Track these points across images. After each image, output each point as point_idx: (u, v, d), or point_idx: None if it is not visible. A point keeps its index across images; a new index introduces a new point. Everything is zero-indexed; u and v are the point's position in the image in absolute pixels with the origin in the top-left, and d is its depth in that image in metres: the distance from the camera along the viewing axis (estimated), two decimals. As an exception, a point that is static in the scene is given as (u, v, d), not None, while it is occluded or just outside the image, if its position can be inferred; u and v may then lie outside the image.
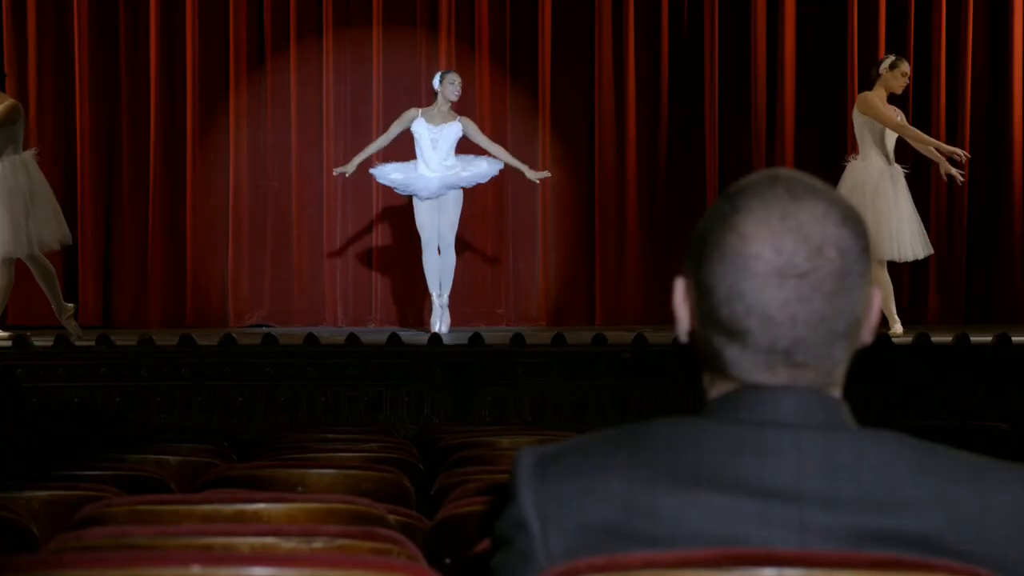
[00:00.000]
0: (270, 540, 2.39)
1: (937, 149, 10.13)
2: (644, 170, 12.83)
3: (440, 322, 10.49)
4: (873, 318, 1.88)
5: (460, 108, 11.09)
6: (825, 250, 1.80)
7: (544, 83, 12.79)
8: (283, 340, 9.00)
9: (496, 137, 12.49)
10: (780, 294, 1.80)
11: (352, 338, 8.94)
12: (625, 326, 11.22)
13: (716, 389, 1.89)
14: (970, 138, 12.78)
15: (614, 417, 8.35)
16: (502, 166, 10.82)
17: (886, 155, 10.06)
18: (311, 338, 8.93)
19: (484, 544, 2.55)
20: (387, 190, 11.83)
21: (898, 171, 9.98)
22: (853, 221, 1.83)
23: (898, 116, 10.20)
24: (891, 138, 10.08)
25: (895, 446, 1.82)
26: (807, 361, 1.82)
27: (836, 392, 1.87)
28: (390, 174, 10.72)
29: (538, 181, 11.13)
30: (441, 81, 10.71)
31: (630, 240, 12.78)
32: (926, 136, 10.44)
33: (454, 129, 10.65)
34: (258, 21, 12.72)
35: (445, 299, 10.61)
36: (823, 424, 1.82)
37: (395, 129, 10.84)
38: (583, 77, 12.88)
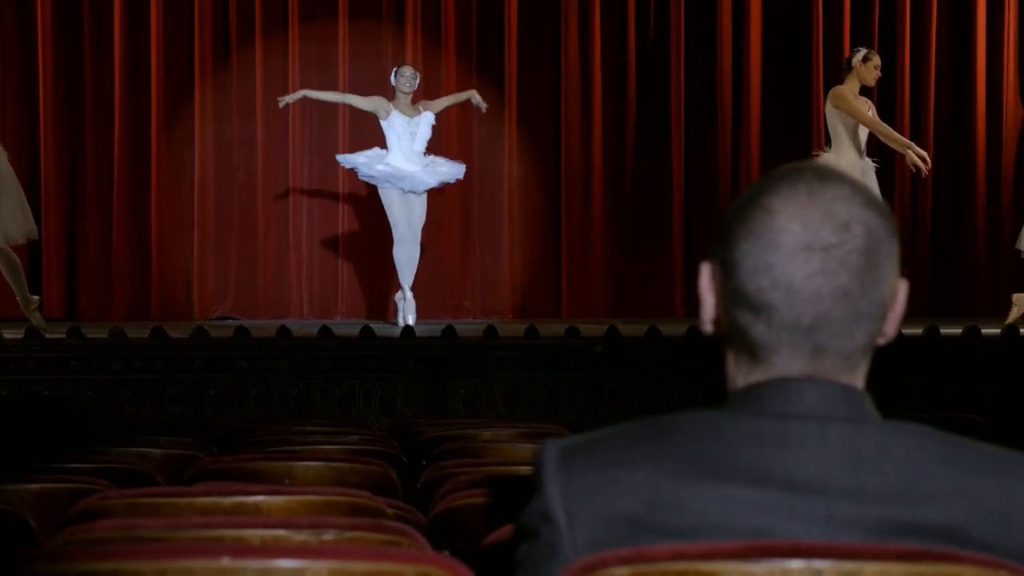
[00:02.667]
0: (281, 532, 2.39)
1: (908, 148, 10.18)
2: (610, 165, 12.85)
3: (410, 313, 10.50)
4: (899, 309, 1.88)
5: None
6: (852, 226, 1.81)
7: (510, 77, 12.80)
8: (255, 333, 8.98)
9: (462, 132, 12.54)
10: (806, 267, 1.80)
11: (325, 331, 8.93)
12: (591, 319, 11.23)
13: (741, 376, 1.89)
14: (934, 133, 12.87)
15: (587, 410, 8.37)
16: (461, 174, 10.86)
17: (858, 149, 10.10)
18: (283, 331, 8.91)
19: (494, 536, 2.56)
20: (353, 182, 11.85)
21: (869, 165, 10.02)
22: (878, 204, 1.85)
23: (869, 110, 10.24)
24: (863, 132, 10.12)
25: (918, 438, 1.83)
26: (828, 343, 1.82)
27: (859, 383, 1.88)
28: (376, 166, 10.70)
29: (483, 108, 11.08)
30: (395, 76, 10.73)
31: (596, 234, 12.80)
32: (897, 134, 10.49)
33: (427, 119, 10.66)
34: (223, 14, 12.68)
35: (408, 290, 10.63)
36: (847, 416, 1.83)
37: (357, 101, 10.85)
38: (549, 72, 12.89)
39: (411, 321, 10.33)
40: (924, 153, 10.23)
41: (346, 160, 10.93)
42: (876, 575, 1.74)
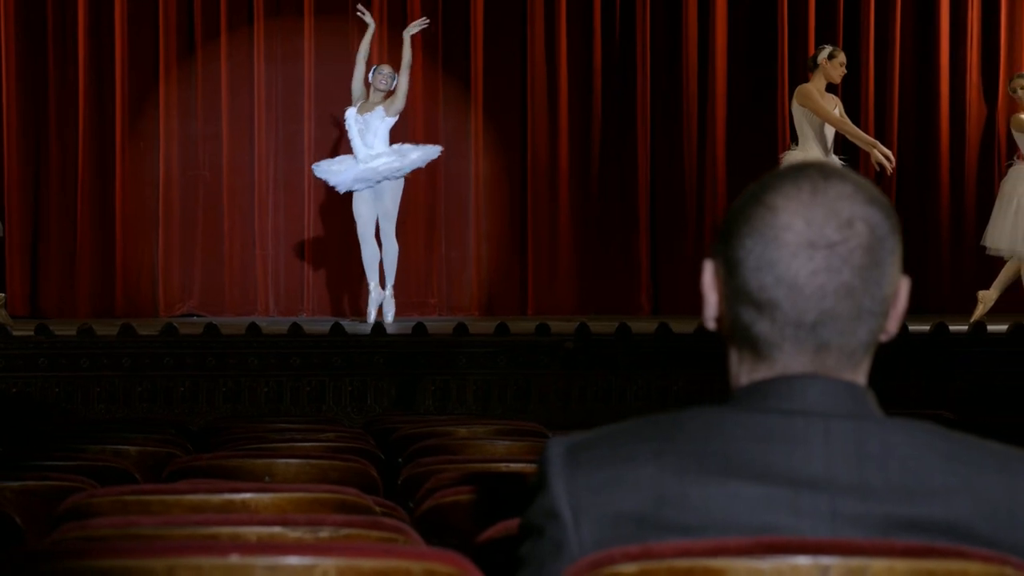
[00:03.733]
0: (276, 529, 2.39)
1: (873, 146, 10.23)
2: (576, 162, 12.86)
3: (382, 311, 10.52)
4: (900, 306, 1.89)
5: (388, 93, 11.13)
6: (855, 224, 1.82)
7: (477, 74, 12.80)
8: (225, 330, 8.95)
9: (428, 127, 12.53)
10: (809, 264, 1.81)
11: (295, 328, 8.91)
12: (558, 316, 11.24)
13: (745, 373, 1.89)
14: (898, 131, 12.94)
15: (557, 406, 8.38)
16: (436, 154, 10.85)
17: (824, 147, 10.15)
18: (253, 328, 8.89)
19: (487, 534, 2.57)
20: (320, 181, 11.84)
21: (836, 163, 10.03)
22: (881, 202, 1.86)
23: (835, 108, 10.30)
24: (829, 130, 10.17)
25: (923, 435, 1.84)
26: (831, 340, 1.83)
27: (862, 380, 1.89)
28: (330, 166, 10.73)
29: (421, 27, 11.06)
30: (373, 74, 10.74)
31: (562, 231, 12.82)
32: (862, 132, 10.55)
33: (378, 114, 10.65)
34: (188, 11, 12.63)
35: (389, 289, 10.63)
36: (851, 413, 1.84)
37: (360, 72, 10.86)
38: (515, 68, 12.90)
39: (387, 319, 10.34)
40: (888, 152, 10.29)
41: (321, 172, 10.92)
42: (882, 571, 1.75)
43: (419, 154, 10.77)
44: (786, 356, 1.85)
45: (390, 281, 10.69)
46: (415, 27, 11.00)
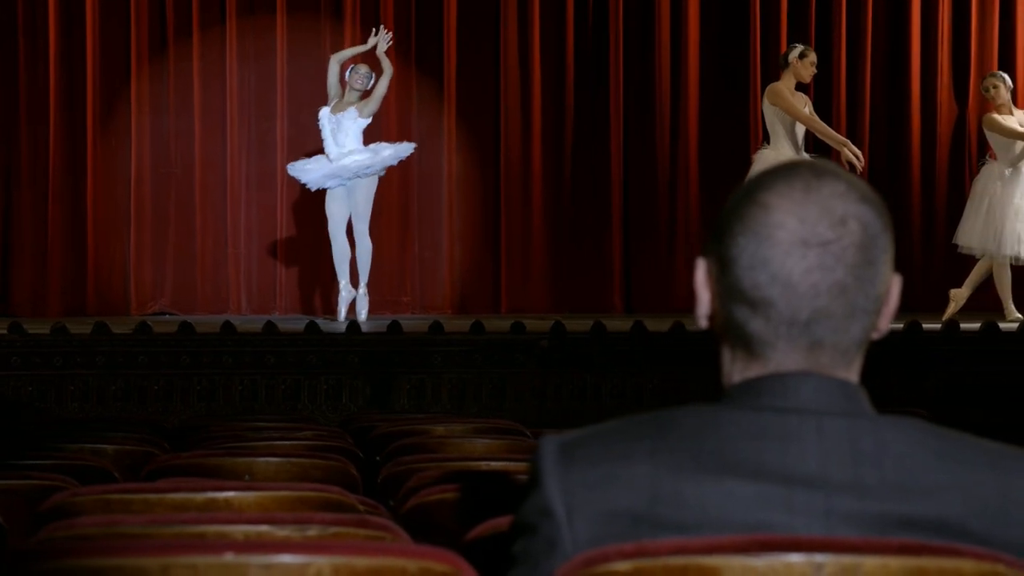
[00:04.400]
0: (264, 528, 2.39)
1: (843, 145, 10.26)
2: (549, 161, 12.86)
3: (355, 309, 10.52)
4: (892, 304, 1.90)
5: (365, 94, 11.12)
6: (848, 222, 1.83)
7: (449, 72, 12.79)
8: (199, 328, 8.93)
9: (401, 126, 12.51)
10: (803, 263, 1.82)
11: (270, 326, 8.90)
12: (531, 315, 11.23)
13: (737, 371, 1.89)
14: (869, 130, 12.97)
15: (532, 405, 8.38)
16: (410, 151, 10.86)
17: (795, 145, 10.18)
18: (228, 326, 8.87)
19: (475, 532, 2.57)
20: (292, 178, 11.84)
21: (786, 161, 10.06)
22: (873, 200, 1.86)
23: (806, 107, 10.33)
24: (800, 128, 10.20)
25: (915, 432, 1.85)
26: (825, 337, 1.84)
27: (854, 377, 1.89)
28: (304, 165, 10.74)
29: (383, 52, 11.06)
30: (349, 73, 10.75)
31: (535, 230, 12.81)
32: (832, 131, 10.59)
33: (350, 115, 10.65)
34: (160, 7, 12.59)
35: (363, 287, 10.64)
36: (844, 411, 1.85)
37: (334, 76, 10.88)
38: (488, 67, 12.89)
39: (363, 317, 10.34)
40: (858, 151, 10.33)
41: (295, 171, 10.92)
42: (876, 569, 1.76)
43: (392, 151, 10.78)
44: (779, 354, 1.86)
45: (363, 279, 10.69)
46: (383, 43, 10.98)
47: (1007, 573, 1.79)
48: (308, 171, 10.72)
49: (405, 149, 10.86)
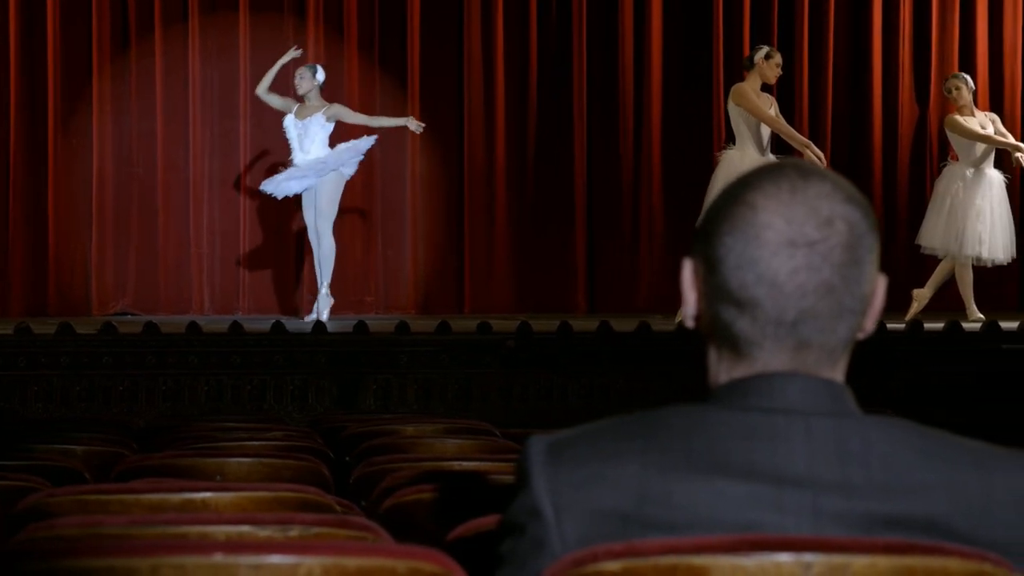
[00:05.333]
0: (245, 529, 2.38)
1: (806, 147, 10.30)
2: (513, 162, 12.86)
3: (317, 310, 10.52)
4: (878, 304, 1.91)
5: (328, 96, 11.10)
6: (835, 222, 1.84)
7: (413, 73, 12.77)
8: (165, 328, 8.89)
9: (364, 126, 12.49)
10: (790, 263, 1.82)
11: (236, 326, 8.87)
12: (494, 315, 11.23)
13: (724, 372, 1.90)
14: (832, 131, 13.03)
15: (499, 405, 8.38)
16: (370, 143, 10.85)
17: (760, 146, 10.21)
18: (193, 326, 8.84)
19: (457, 532, 2.57)
20: (255, 177, 11.83)
21: (772, 161, 10.10)
22: (859, 201, 1.87)
23: (771, 107, 10.36)
24: (766, 129, 10.24)
25: (901, 432, 1.86)
26: (812, 337, 1.85)
27: (840, 377, 1.90)
28: (274, 178, 10.80)
29: (419, 131, 11.11)
30: (296, 82, 10.79)
31: (499, 230, 12.81)
32: (796, 133, 10.62)
33: (317, 121, 10.65)
34: (122, 5, 12.53)
35: (325, 288, 10.65)
36: (831, 411, 1.86)
37: (274, 100, 10.87)
38: (452, 67, 12.88)
39: (324, 318, 10.34)
40: (820, 152, 10.37)
41: (268, 187, 10.93)
42: (864, 568, 1.77)
43: (353, 144, 10.78)
44: (766, 354, 1.86)
45: (326, 280, 10.70)
46: (418, 127, 11.00)
47: (993, 572, 1.80)
48: (276, 181, 10.76)
49: (366, 142, 10.85)
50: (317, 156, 10.63)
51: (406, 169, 12.69)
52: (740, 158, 10.12)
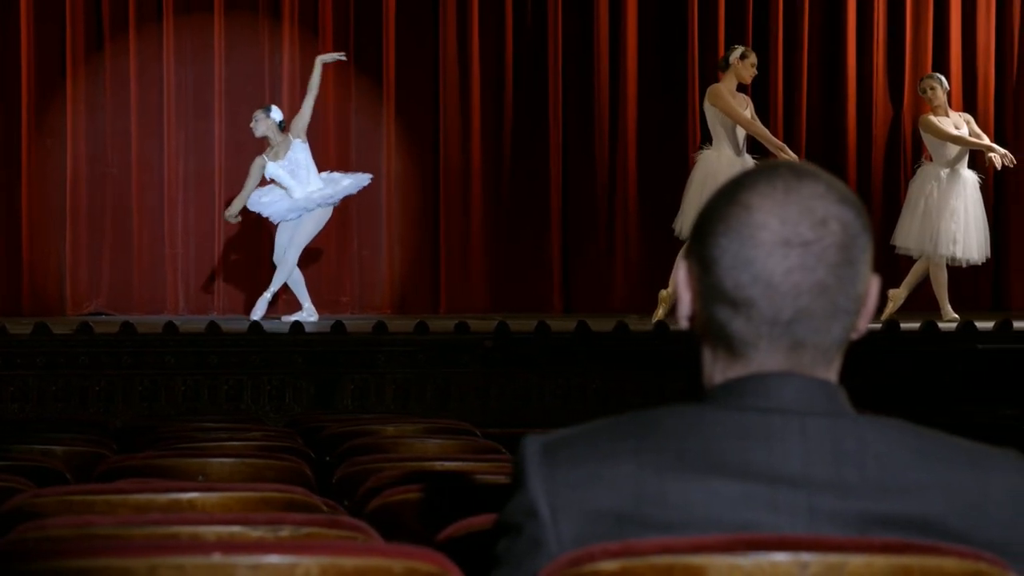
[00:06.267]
0: (236, 529, 2.37)
1: (781, 149, 10.32)
2: (488, 162, 12.86)
3: (256, 308, 10.57)
4: (871, 305, 1.91)
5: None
6: (829, 223, 1.84)
7: (388, 72, 12.76)
8: (141, 328, 8.87)
9: (339, 127, 12.51)
10: (785, 263, 1.83)
11: (212, 326, 8.86)
12: (470, 315, 11.22)
13: (719, 372, 1.90)
14: (806, 132, 13.06)
15: (477, 405, 8.38)
16: (367, 181, 10.93)
17: (736, 147, 10.23)
18: (170, 326, 8.82)
19: (447, 532, 2.57)
20: (230, 177, 11.82)
21: (749, 162, 10.13)
22: (852, 201, 1.89)
23: (747, 108, 10.38)
24: (741, 130, 10.25)
25: (896, 432, 1.87)
26: (806, 337, 1.85)
27: (833, 377, 1.91)
28: (260, 198, 10.85)
29: (343, 57, 11.16)
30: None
31: (475, 229, 12.81)
32: (771, 135, 10.64)
33: (295, 148, 10.69)
34: (96, 5, 12.50)
35: (269, 294, 10.74)
36: (827, 410, 1.86)
37: (251, 184, 10.85)
38: (427, 67, 12.87)
39: (257, 317, 10.32)
40: (795, 155, 10.41)
41: (254, 207, 10.94)
42: (861, 567, 1.77)
43: (351, 181, 10.91)
44: (761, 354, 1.87)
45: (273, 289, 10.77)
46: (330, 57, 11.02)
47: (988, 571, 1.81)
48: (267, 204, 10.80)
49: (363, 179, 10.97)
50: (315, 185, 10.68)
51: (381, 169, 12.66)
52: (717, 159, 10.15)
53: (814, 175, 1.89)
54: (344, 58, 11.20)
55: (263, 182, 10.78)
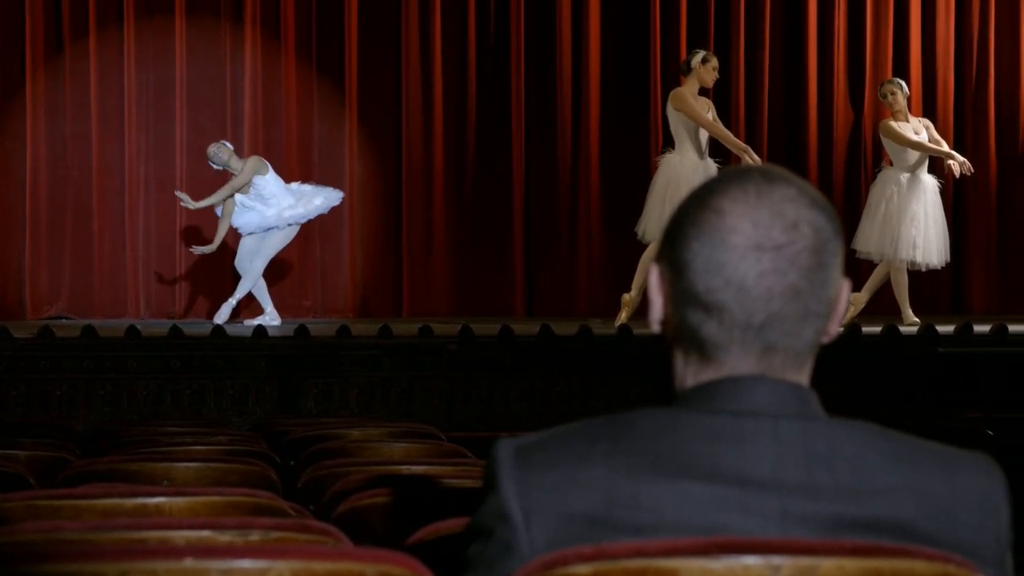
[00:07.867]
0: (205, 533, 2.37)
1: (744, 152, 10.35)
2: (451, 165, 12.88)
3: (220, 312, 10.58)
4: (841, 308, 1.92)
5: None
6: (800, 226, 1.84)
7: (351, 76, 12.76)
8: (103, 332, 8.83)
9: (302, 130, 12.52)
10: (757, 267, 1.83)
11: (175, 330, 8.83)
12: (433, 318, 11.21)
13: (691, 375, 1.90)
14: (768, 135, 13.11)
15: (441, 408, 8.38)
16: (338, 200, 10.96)
17: (699, 150, 10.25)
18: (132, 330, 8.79)
19: (417, 536, 2.57)
20: (192, 181, 11.81)
21: (711, 166, 10.17)
22: (823, 205, 1.88)
23: (709, 112, 10.41)
24: (704, 133, 10.27)
25: (867, 435, 1.87)
26: (778, 341, 1.85)
27: (805, 380, 1.91)
28: (266, 215, 10.93)
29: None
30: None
31: (437, 233, 12.82)
32: (733, 137, 10.66)
33: (260, 179, 10.73)
34: (55, 7, 12.45)
35: (235, 300, 10.87)
36: (798, 413, 1.86)
37: (221, 195, 10.93)
38: (390, 70, 12.88)
39: (221, 320, 10.36)
40: (758, 157, 10.41)
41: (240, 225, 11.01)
42: (832, 570, 1.78)
43: (322, 200, 10.99)
44: (733, 358, 1.87)
45: (239, 296, 10.84)
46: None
47: (957, 573, 1.82)
48: (238, 215, 10.82)
49: (334, 198, 11.05)
50: (287, 202, 10.72)
51: (344, 173, 12.67)
52: (680, 162, 10.17)
53: (786, 179, 1.89)
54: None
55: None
